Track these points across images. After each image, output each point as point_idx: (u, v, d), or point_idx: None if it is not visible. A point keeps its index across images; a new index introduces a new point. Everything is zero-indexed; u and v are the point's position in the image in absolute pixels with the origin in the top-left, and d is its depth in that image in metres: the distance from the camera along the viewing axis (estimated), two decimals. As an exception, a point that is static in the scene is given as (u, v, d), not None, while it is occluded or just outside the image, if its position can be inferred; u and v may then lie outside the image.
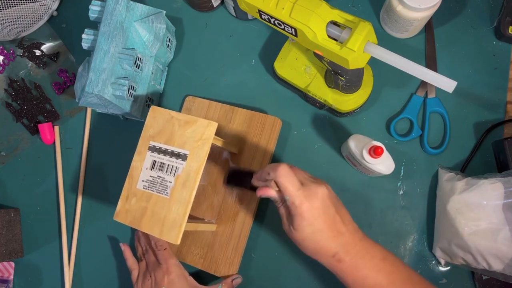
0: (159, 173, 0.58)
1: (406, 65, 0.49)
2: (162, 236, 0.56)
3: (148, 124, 0.60)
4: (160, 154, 0.58)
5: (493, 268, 0.60)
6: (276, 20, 0.54)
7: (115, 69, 0.64)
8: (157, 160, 0.58)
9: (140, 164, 0.59)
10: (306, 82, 0.67)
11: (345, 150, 0.66)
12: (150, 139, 0.59)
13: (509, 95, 0.70)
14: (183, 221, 0.56)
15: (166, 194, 0.57)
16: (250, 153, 0.70)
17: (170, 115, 0.59)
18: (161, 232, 0.56)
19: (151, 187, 0.58)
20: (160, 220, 0.57)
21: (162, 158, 0.58)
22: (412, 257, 0.67)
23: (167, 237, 0.56)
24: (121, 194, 0.59)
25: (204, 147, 0.57)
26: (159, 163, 0.58)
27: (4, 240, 0.69)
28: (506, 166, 0.64)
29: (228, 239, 0.68)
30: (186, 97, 0.73)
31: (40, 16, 0.77)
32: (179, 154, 0.58)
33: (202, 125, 0.58)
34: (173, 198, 0.57)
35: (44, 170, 0.75)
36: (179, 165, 0.58)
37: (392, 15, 0.66)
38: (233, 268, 0.67)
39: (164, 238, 0.56)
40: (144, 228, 0.57)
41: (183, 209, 0.56)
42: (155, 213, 0.57)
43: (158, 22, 0.67)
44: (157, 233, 0.56)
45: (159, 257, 0.63)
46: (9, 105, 0.77)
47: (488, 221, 0.60)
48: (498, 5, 0.72)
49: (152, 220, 0.57)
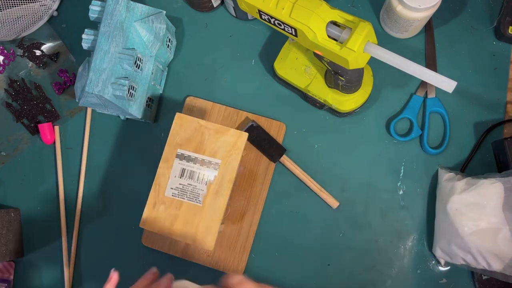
0: (189, 181, 0.60)
1: (406, 65, 0.49)
2: (195, 243, 0.58)
3: (174, 131, 0.61)
4: (190, 162, 0.60)
5: (493, 268, 0.60)
6: (276, 20, 0.54)
7: (115, 69, 0.64)
8: (186, 168, 0.60)
9: (167, 172, 0.60)
10: (306, 82, 0.67)
11: None
12: (177, 146, 0.60)
13: (509, 95, 0.70)
14: (216, 227, 0.58)
15: (199, 201, 0.59)
16: (256, 156, 0.70)
17: (198, 124, 0.61)
18: (195, 239, 0.58)
19: (181, 194, 0.59)
20: (193, 227, 0.59)
21: (192, 166, 0.60)
22: (412, 257, 0.67)
23: (201, 243, 0.58)
24: (148, 202, 0.60)
25: (236, 157, 0.60)
26: (189, 171, 0.60)
27: (4, 240, 0.69)
28: (506, 166, 0.64)
29: (235, 238, 0.68)
30: (187, 97, 0.73)
31: (40, 16, 0.77)
32: (210, 162, 0.60)
33: (234, 135, 0.60)
34: (206, 206, 0.59)
35: (44, 170, 0.75)
36: (211, 173, 0.60)
37: (392, 15, 0.66)
38: (241, 266, 0.68)
39: (198, 244, 0.58)
40: (176, 235, 0.59)
41: (217, 216, 0.59)
42: (188, 220, 0.59)
43: (158, 22, 0.67)
44: (191, 239, 0.58)
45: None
46: (9, 105, 0.77)
47: (488, 221, 0.60)
48: (498, 5, 0.72)
49: (185, 227, 0.59)
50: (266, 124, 0.71)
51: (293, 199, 0.70)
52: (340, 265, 0.68)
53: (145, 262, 0.71)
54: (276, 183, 0.70)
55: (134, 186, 0.73)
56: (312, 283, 0.68)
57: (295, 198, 0.70)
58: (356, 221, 0.69)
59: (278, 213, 0.70)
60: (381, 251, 0.68)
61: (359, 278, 0.68)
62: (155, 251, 0.70)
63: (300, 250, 0.69)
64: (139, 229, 0.71)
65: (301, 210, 0.70)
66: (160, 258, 0.70)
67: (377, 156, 0.70)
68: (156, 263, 0.71)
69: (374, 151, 0.70)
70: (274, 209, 0.70)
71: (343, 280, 0.68)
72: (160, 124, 0.74)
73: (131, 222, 0.72)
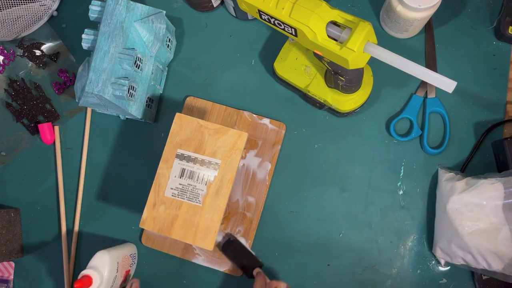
0: (189, 181, 0.59)
1: (406, 65, 0.49)
2: (195, 242, 0.58)
3: (174, 131, 0.61)
4: (190, 162, 0.60)
5: (493, 268, 0.60)
6: (276, 20, 0.54)
7: (115, 69, 0.64)
8: (186, 168, 0.60)
9: (167, 172, 0.60)
10: (306, 82, 0.67)
11: None
12: (177, 147, 0.60)
13: (509, 95, 0.70)
14: (216, 227, 0.58)
15: (198, 202, 0.59)
16: (256, 156, 0.70)
17: (198, 124, 0.61)
18: (194, 238, 0.58)
19: (181, 194, 0.59)
20: (193, 227, 0.59)
21: (192, 167, 0.60)
22: (412, 257, 0.67)
23: (201, 243, 0.58)
24: (147, 202, 0.60)
25: (236, 157, 0.60)
26: (189, 171, 0.60)
27: (4, 240, 0.69)
28: (506, 166, 0.64)
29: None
30: (187, 97, 0.73)
31: (40, 16, 0.77)
32: (210, 162, 0.59)
33: (234, 135, 0.60)
34: (206, 206, 0.59)
35: (44, 170, 0.75)
36: (211, 173, 0.60)
37: (392, 15, 0.66)
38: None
39: (197, 244, 0.58)
40: (175, 235, 0.59)
41: (216, 216, 0.59)
42: (187, 220, 0.59)
43: (158, 22, 0.67)
44: (190, 239, 0.58)
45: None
46: (9, 105, 0.77)
47: (488, 221, 0.60)
48: (498, 5, 0.72)
49: (184, 227, 0.59)
50: (265, 124, 0.71)
51: (293, 199, 0.70)
52: (340, 265, 0.68)
53: (145, 262, 0.71)
54: (276, 183, 0.71)
55: (134, 186, 0.73)
56: (312, 283, 0.68)
57: (295, 198, 0.70)
58: (356, 221, 0.69)
59: (278, 213, 0.70)
60: (381, 251, 0.68)
61: (359, 278, 0.68)
62: (155, 251, 0.70)
63: (300, 250, 0.69)
64: (139, 229, 0.72)
65: (301, 210, 0.70)
66: (160, 258, 0.70)
67: (377, 156, 0.70)
68: (156, 263, 0.71)
69: (374, 151, 0.70)
70: (274, 209, 0.70)
71: (343, 280, 0.68)
72: (160, 124, 0.74)
73: (131, 222, 0.72)
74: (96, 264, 0.60)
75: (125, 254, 0.65)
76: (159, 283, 0.70)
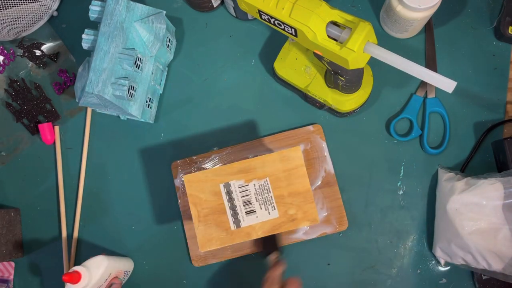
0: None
1: (406, 65, 0.49)
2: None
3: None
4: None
5: (493, 268, 0.60)
6: (276, 20, 0.54)
7: (115, 69, 0.64)
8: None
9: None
10: (306, 82, 0.67)
11: None
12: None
13: (509, 95, 0.70)
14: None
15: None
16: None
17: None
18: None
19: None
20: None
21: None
22: (412, 257, 0.67)
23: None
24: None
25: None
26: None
27: (4, 240, 0.69)
28: (506, 166, 0.64)
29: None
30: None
31: (40, 16, 0.77)
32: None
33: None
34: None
35: (44, 170, 0.75)
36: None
37: (392, 15, 0.66)
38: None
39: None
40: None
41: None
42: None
43: (158, 22, 0.67)
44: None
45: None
46: (9, 105, 0.77)
47: (488, 221, 0.60)
48: (498, 5, 0.72)
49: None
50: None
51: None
52: (340, 265, 0.68)
53: (145, 262, 0.71)
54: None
55: (134, 186, 0.73)
56: (312, 283, 0.68)
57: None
58: (356, 221, 0.69)
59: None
60: (381, 251, 0.68)
61: (359, 278, 0.68)
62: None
63: (299, 250, 0.69)
64: (138, 229, 0.71)
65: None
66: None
67: (377, 156, 0.70)
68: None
69: (374, 151, 0.70)
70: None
71: (343, 280, 0.68)
72: (160, 124, 0.74)
73: (131, 222, 0.72)
74: (91, 265, 0.60)
75: (120, 269, 0.65)
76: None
